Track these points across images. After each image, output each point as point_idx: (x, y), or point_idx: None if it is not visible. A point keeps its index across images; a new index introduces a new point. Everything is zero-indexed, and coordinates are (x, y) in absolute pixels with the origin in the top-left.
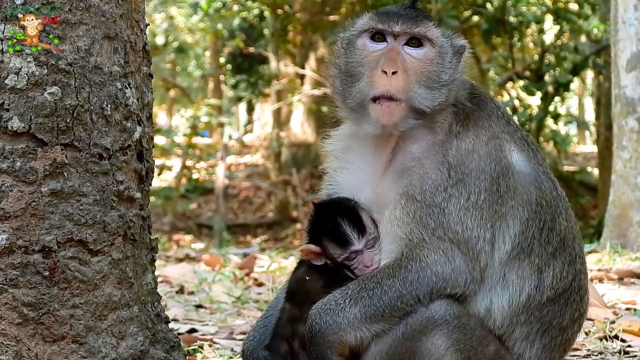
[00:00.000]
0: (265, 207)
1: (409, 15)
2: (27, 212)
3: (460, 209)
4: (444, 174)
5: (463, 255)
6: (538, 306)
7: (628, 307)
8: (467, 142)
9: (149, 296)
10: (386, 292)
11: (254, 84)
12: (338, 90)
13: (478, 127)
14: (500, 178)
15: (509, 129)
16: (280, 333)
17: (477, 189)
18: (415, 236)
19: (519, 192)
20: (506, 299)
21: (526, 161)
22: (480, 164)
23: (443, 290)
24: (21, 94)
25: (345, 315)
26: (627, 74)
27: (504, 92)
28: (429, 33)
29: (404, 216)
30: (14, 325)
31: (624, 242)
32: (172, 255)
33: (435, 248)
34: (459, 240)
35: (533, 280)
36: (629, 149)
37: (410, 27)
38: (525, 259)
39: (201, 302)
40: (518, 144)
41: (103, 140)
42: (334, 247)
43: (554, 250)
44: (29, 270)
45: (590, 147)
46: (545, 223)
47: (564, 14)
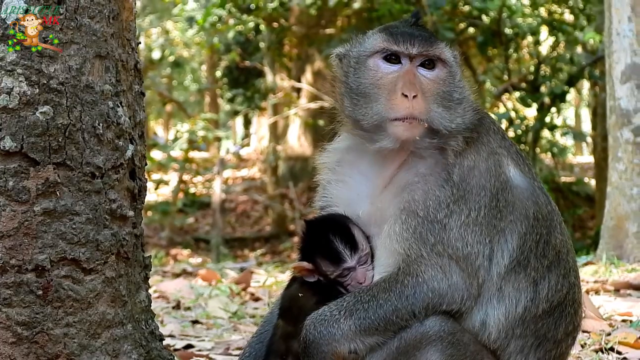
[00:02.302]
0: (263, 221)
1: (422, 36)
2: (20, 232)
3: (461, 226)
4: (447, 191)
5: (462, 271)
6: (534, 319)
7: (624, 319)
8: (469, 159)
9: (142, 314)
10: (382, 306)
11: (251, 97)
12: (348, 109)
13: (478, 144)
14: (500, 193)
15: (505, 144)
16: (274, 350)
17: (477, 205)
18: (413, 252)
19: (517, 207)
20: (502, 311)
21: (522, 176)
22: (480, 180)
23: (439, 307)
24: (13, 114)
25: (339, 326)
26: (622, 86)
27: (500, 103)
28: (443, 55)
29: (404, 231)
30: (7, 344)
31: (620, 253)
32: (169, 270)
33: (433, 264)
34: (458, 257)
35: (529, 292)
36: (624, 160)
37: (427, 49)
38: (521, 272)
39: (197, 318)
40: (514, 159)
41: (95, 159)
42: (327, 264)
43: (549, 264)
44: (23, 289)
45: (587, 157)
46: (541, 237)
47: (560, 25)
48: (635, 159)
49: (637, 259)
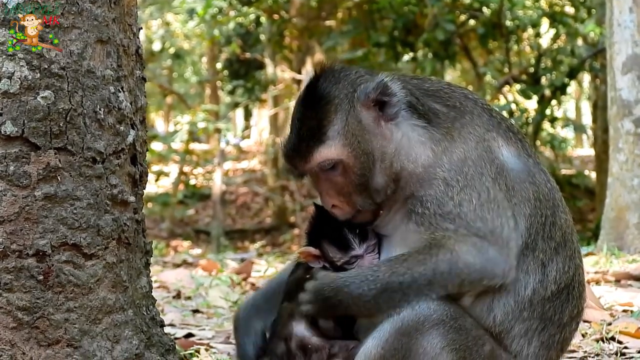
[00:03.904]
0: (263, 213)
1: (297, 152)
2: (20, 217)
3: (475, 209)
4: (447, 186)
5: (493, 245)
6: (542, 301)
7: (625, 309)
8: (458, 151)
9: (143, 300)
10: (416, 280)
11: (251, 89)
12: None
13: (463, 134)
14: (499, 178)
15: (493, 123)
16: (278, 333)
17: (484, 187)
18: (439, 233)
19: (517, 190)
20: (512, 294)
21: (516, 156)
22: (477, 169)
23: (479, 283)
24: (14, 98)
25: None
26: (623, 77)
27: (501, 96)
28: (323, 156)
29: (420, 226)
30: (8, 329)
31: (620, 244)
32: (169, 260)
33: (464, 241)
34: (485, 233)
35: (538, 275)
36: (625, 151)
37: (305, 166)
38: (529, 254)
39: (198, 307)
40: (504, 137)
41: (96, 144)
42: (334, 250)
43: (556, 245)
44: (23, 274)
45: (587, 150)
46: (546, 218)
47: (560, 17)
48: (636, 150)
49: (637, 249)
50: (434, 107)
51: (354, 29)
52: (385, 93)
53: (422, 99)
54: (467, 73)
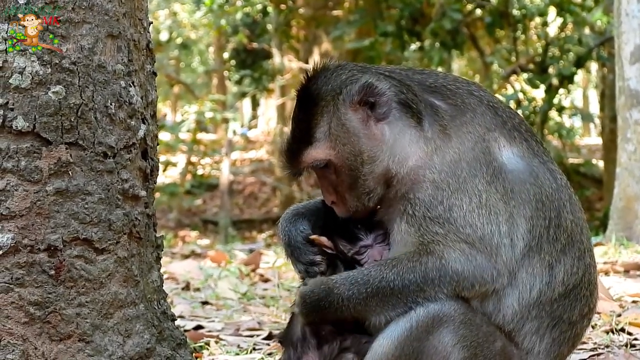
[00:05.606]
0: (271, 203)
1: (288, 153)
2: (32, 211)
3: (465, 214)
4: (438, 190)
5: (481, 252)
6: (549, 302)
7: (634, 300)
8: (452, 153)
9: (155, 294)
10: (407, 287)
11: (258, 79)
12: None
13: (461, 134)
14: (495, 180)
15: (497, 122)
16: (296, 318)
17: (476, 190)
18: (428, 237)
19: (517, 192)
20: (516, 296)
21: (519, 156)
22: (471, 171)
23: (471, 289)
24: (25, 94)
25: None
26: (631, 66)
27: (508, 85)
28: (309, 158)
29: (410, 227)
30: (20, 324)
31: (629, 234)
32: (177, 251)
33: (453, 247)
34: (473, 240)
35: (544, 276)
36: (634, 141)
37: (296, 166)
38: (535, 256)
39: (207, 299)
40: (507, 137)
41: (107, 138)
42: (344, 242)
43: (562, 247)
44: (35, 269)
45: (595, 139)
46: (550, 220)
47: (568, 6)
48: None
49: None
50: (434, 103)
51: (361, 19)
52: (371, 93)
53: (420, 95)
54: (474, 62)
